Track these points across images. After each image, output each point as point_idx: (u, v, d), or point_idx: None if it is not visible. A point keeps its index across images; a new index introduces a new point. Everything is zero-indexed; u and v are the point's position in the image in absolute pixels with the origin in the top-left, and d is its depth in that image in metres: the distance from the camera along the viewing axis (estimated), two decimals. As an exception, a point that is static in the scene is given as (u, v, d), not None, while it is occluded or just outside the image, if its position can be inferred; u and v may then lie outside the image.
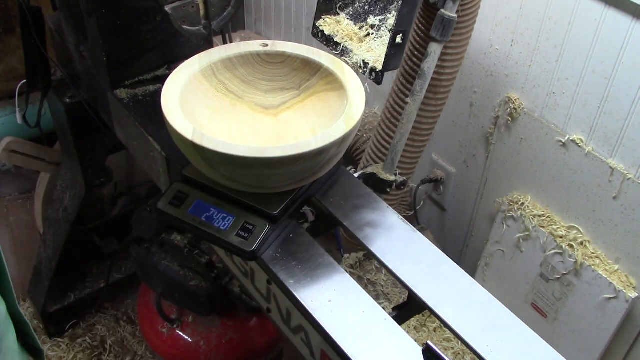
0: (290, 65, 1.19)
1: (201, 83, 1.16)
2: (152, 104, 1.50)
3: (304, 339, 1.08)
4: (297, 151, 0.96)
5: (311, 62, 1.16)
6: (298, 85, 1.20)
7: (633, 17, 1.31)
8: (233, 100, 1.20)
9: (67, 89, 1.79)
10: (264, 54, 1.18)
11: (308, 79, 1.18)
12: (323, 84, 1.16)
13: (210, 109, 1.17)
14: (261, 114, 1.21)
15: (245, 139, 1.17)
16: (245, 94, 1.21)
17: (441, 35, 1.25)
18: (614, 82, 1.40)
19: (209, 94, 1.18)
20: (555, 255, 1.62)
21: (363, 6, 1.32)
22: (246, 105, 1.21)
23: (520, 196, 1.72)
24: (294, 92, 1.20)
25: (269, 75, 1.20)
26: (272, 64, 1.19)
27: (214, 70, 1.17)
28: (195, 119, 1.11)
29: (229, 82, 1.20)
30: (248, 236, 1.08)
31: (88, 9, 1.42)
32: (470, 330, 0.98)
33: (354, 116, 1.02)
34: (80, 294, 2.32)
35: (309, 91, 1.19)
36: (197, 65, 1.16)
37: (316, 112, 1.17)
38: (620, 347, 1.59)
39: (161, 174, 1.44)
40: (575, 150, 1.54)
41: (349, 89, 1.08)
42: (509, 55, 1.60)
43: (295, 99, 1.20)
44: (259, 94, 1.22)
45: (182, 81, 1.13)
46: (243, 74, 1.20)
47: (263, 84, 1.21)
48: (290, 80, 1.20)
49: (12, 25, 2.38)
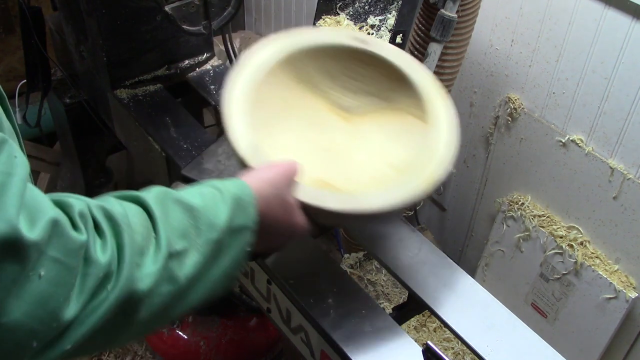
0: (380, 70, 1.04)
1: (283, 72, 1.03)
2: (152, 104, 1.50)
3: (304, 339, 1.08)
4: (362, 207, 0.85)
5: (404, 77, 1.01)
6: (385, 94, 1.06)
7: (633, 17, 1.31)
8: (312, 93, 1.07)
9: (67, 89, 1.79)
10: (357, 50, 1.04)
11: (395, 90, 1.04)
12: (410, 105, 1.01)
13: (284, 101, 1.04)
14: (338, 115, 1.08)
15: (311, 157, 1.00)
16: (328, 88, 1.08)
17: (441, 35, 1.25)
18: (614, 82, 1.40)
19: (287, 82, 1.04)
20: (555, 255, 1.62)
21: (363, 6, 1.32)
22: (324, 102, 1.08)
23: (520, 196, 1.72)
24: (378, 99, 1.07)
25: (357, 74, 1.07)
26: (363, 63, 1.05)
27: (298, 58, 1.04)
28: (263, 114, 0.98)
29: (314, 73, 1.06)
30: (248, 236, 1.07)
31: (88, 9, 1.42)
32: (470, 330, 0.98)
33: (434, 176, 0.88)
34: (80, 294, 2.32)
35: (393, 106, 1.05)
36: (280, 48, 1.02)
37: (395, 134, 1.03)
38: (620, 347, 1.59)
39: (161, 174, 1.44)
40: (575, 150, 1.53)
41: (438, 133, 0.93)
42: (509, 55, 1.60)
43: (377, 107, 1.07)
44: (341, 91, 1.09)
45: (257, 65, 0.99)
46: (331, 66, 1.06)
47: (349, 82, 1.08)
48: (376, 86, 1.06)
49: (12, 25, 2.38)
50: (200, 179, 1.16)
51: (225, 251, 0.70)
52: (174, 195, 0.69)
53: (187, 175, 1.19)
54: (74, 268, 0.55)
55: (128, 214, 0.62)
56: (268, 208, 0.78)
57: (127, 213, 0.62)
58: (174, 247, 0.64)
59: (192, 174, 1.18)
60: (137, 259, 0.60)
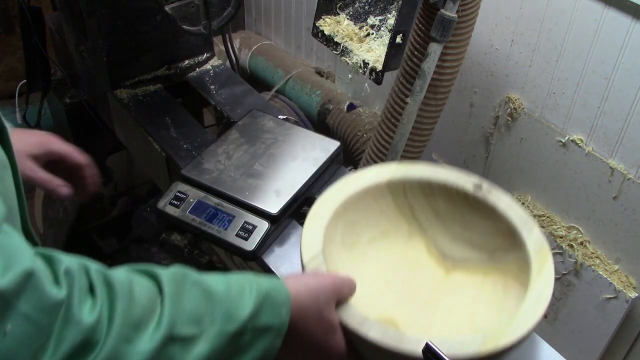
0: (494, 224, 0.97)
1: (383, 195, 0.99)
2: (152, 104, 1.50)
3: (304, 339, 1.08)
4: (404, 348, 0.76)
5: (517, 236, 0.93)
6: (492, 251, 0.98)
7: (633, 17, 1.31)
8: (413, 230, 1.02)
9: (67, 89, 1.79)
10: (472, 197, 0.98)
11: (505, 251, 0.96)
12: (516, 267, 0.93)
13: (380, 228, 1.00)
14: (434, 260, 1.01)
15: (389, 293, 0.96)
16: (431, 227, 1.02)
17: (441, 35, 1.25)
18: (614, 82, 1.40)
19: (387, 211, 1.00)
20: (555, 255, 1.62)
21: (363, 6, 1.32)
22: (424, 242, 1.02)
23: (520, 196, 1.72)
24: (484, 256, 0.99)
25: (468, 221, 1.00)
26: (476, 211, 0.99)
27: (406, 188, 0.99)
28: (352, 232, 0.95)
29: (419, 209, 1.01)
30: (248, 236, 1.08)
31: (88, 9, 1.42)
32: (471, 330, 0.97)
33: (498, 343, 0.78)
34: (80, 294, 2.32)
35: (499, 266, 0.96)
36: (388, 174, 0.98)
37: (489, 295, 0.95)
38: (620, 347, 1.59)
39: (161, 174, 1.44)
40: (575, 150, 1.53)
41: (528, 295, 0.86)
42: (509, 55, 1.60)
43: (481, 265, 0.99)
44: (446, 236, 1.02)
45: (359, 185, 0.96)
46: (440, 206, 1.01)
47: (456, 227, 1.01)
48: (486, 239, 0.99)
49: (12, 25, 2.38)
50: (200, 179, 1.16)
51: (245, 350, 0.63)
52: (194, 277, 0.63)
53: (187, 175, 1.19)
54: (47, 327, 0.48)
55: (133, 285, 0.57)
56: (303, 317, 0.70)
57: (131, 284, 0.57)
58: (180, 331, 0.57)
59: (192, 174, 1.18)
60: (129, 332, 0.53)
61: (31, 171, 1.00)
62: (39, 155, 1.02)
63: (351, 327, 0.78)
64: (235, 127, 1.31)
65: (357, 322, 0.78)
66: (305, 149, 1.24)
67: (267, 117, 1.33)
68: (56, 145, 1.05)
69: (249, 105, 1.47)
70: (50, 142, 1.04)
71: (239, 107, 1.48)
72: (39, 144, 1.02)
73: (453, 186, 0.99)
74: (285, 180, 1.16)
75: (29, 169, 0.99)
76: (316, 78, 2.14)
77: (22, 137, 1.00)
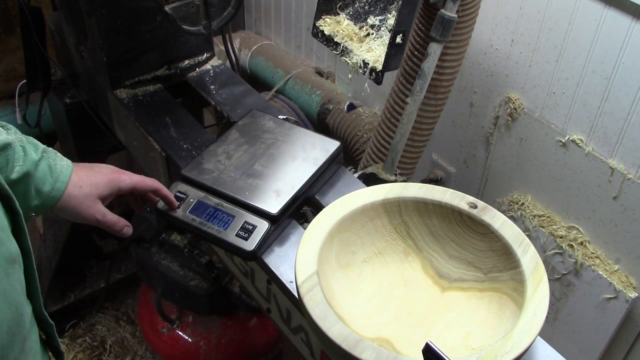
0: (489, 243, 0.98)
1: (378, 215, 1.00)
2: (152, 104, 1.50)
3: (304, 339, 1.08)
4: None
5: (512, 255, 0.94)
6: (488, 270, 0.99)
7: (633, 17, 1.31)
8: (408, 249, 1.03)
9: (67, 89, 1.79)
10: (467, 215, 0.99)
11: (500, 270, 0.97)
12: (511, 286, 0.94)
13: (375, 247, 1.01)
14: (430, 279, 1.02)
15: (383, 312, 0.97)
16: (427, 246, 1.03)
17: (441, 35, 1.25)
18: (614, 82, 1.40)
19: (382, 231, 1.02)
20: (555, 255, 1.62)
21: (363, 6, 1.32)
22: (419, 261, 1.03)
23: (520, 196, 1.72)
24: (480, 275, 1.00)
25: (463, 240, 1.01)
26: (471, 230, 1.00)
27: (402, 207, 1.00)
28: (347, 251, 0.96)
29: (415, 228, 1.03)
30: (248, 236, 1.08)
31: (88, 9, 1.42)
32: (471, 330, 0.97)
33: (504, 357, 0.80)
34: (80, 294, 2.32)
35: (495, 285, 0.97)
36: (383, 194, 1.00)
37: (485, 314, 0.96)
38: (620, 347, 1.59)
39: (161, 174, 1.44)
40: (575, 150, 1.54)
41: (523, 314, 0.86)
42: (509, 55, 1.60)
43: (476, 284, 1.00)
44: (442, 255, 1.03)
45: (354, 205, 0.97)
46: (435, 225, 1.02)
47: (451, 246, 1.02)
48: (482, 258, 1.00)
49: (12, 25, 2.38)
50: (200, 179, 1.16)
51: None
52: None
53: (187, 175, 1.19)
54: None
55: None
56: None
57: None
58: None
59: (192, 174, 1.18)
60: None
61: (101, 216, 1.02)
62: (108, 196, 1.03)
63: (345, 348, 0.79)
64: (235, 127, 1.30)
65: (351, 344, 0.79)
66: (305, 149, 1.24)
67: (267, 117, 1.33)
68: (125, 182, 1.04)
69: (249, 105, 1.47)
70: (119, 180, 1.03)
71: (239, 107, 1.48)
72: (108, 184, 1.02)
73: (448, 205, 1.00)
74: (285, 180, 1.16)
75: (100, 214, 1.01)
76: (316, 78, 2.14)
77: (89, 178, 1.00)
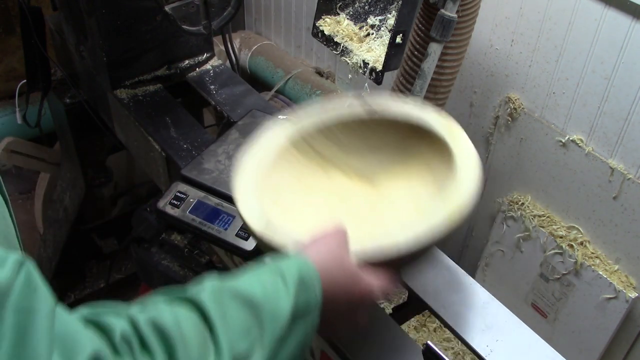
0: (396, 129, 1.02)
1: (291, 154, 1.01)
2: (152, 104, 1.50)
3: (304, 339, 1.08)
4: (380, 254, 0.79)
5: (420, 127, 0.99)
6: (403, 150, 1.04)
7: (633, 17, 1.31)
8: (328, 169, 1.05)
9: (67, 89, 1.79)
10: (368, 120, 1.02)
11: (413, 142, 1.02)
12: (431, 151, 0.99)
13: (301, 183, 1.02)
14: (359, 182, 1.06)
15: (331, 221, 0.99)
16: (343, 161, 1.06)
17: (441, 35, 1.25)
18: (614, 82, 1.40)
19: (299, 163, 1.03)
20: (555, 255, 1.62)
21: (363, 6, 1.32)
22: (342, 173, 1.06)
23: (520, 196, 1.72)
24: (398, 156, 1.04)
25: (371, 140, 1.05)
26: (376, 127, 1.03)
27: (306, 137, 1.02)
28: (280, 198, 0.97)
29: (325, 148, 1.05)
30: (248, 236, 1.08)
31: (88, 9, 1.42)
32: (470, 330, 0.98)
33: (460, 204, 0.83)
34: (80, 294, 2.32)
35: (414, 157, 1.02)
36: (285, 134, 1.01)
37: (422, 183, 1.00)
38: (620, 347, 1.59)
39: (161, 174, 1.44)
40: (575, 150, 1.53)
41: (459, 160, 0.91)
42: (509, 55, 1.60)
43: (399, 164, 1.04)
44: (357, 158, 1.06)
45: (263, 154, 0.98)
46: (342, 140, 1.05)
47: (363, 148, 1.06)
48: (396, 144, 1.04)
49: (12, 25, 2.38)
50: (200, 179, 1.16)
51: (291, 337, 0.64)
52: (231, 289, 0.62)
53: (187, 175, 1.19)
54: None
55: (181, 325, 0.55)
56: (332, 282, 0.71)
57: (179, 324, 0.55)
58: (238, 350, 0.58)
59: (192, 174, 1.18)
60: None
61: None
62: None
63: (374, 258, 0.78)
64: (235, 127, 1.30)
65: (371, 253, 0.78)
66: (305, 149, 1.24)
67: (267, 117, 1.33)
68: None
69: (249, 105, 1.47)
70: None
71: (239, 107, 1.48)
72: None
73: (348, 119, 1.03)
74: (285, 180, 1.16)
75: None
76: (316, 78, 2.14)
77: None
